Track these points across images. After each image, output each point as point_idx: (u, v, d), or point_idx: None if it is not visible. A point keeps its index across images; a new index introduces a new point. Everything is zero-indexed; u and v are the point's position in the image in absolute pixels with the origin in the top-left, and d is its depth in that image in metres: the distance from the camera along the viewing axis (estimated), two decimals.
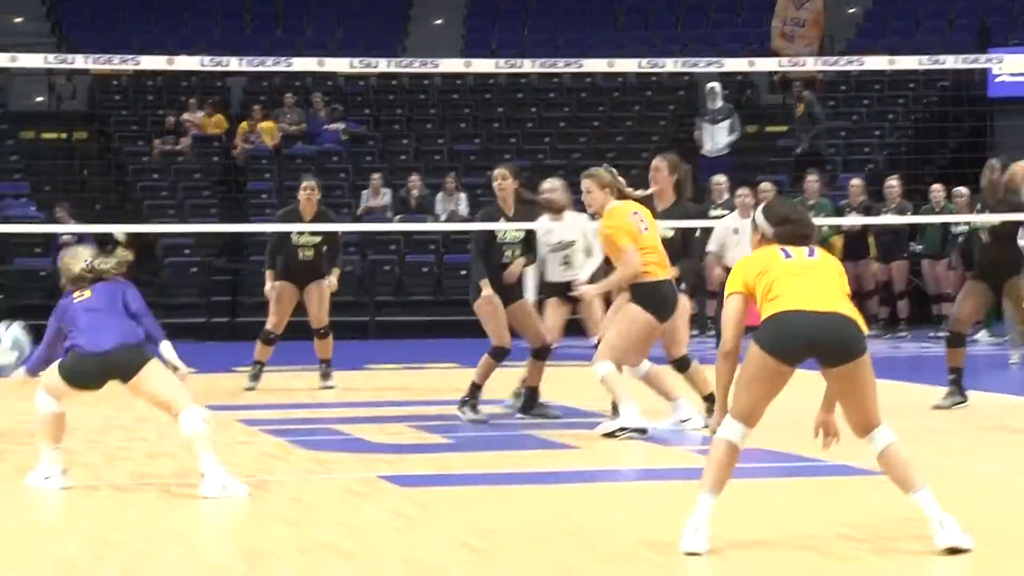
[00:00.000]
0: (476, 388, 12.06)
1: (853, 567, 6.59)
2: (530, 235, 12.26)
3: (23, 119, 27.84)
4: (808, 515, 7.80)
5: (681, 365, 11.39)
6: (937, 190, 21.45)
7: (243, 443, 10.92)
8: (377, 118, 28.33)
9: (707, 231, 17.96)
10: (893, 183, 21.45)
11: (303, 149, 26.88)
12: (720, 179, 21.28)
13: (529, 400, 12.21)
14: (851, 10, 31.18)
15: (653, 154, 13.53)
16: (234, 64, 14.48)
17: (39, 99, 28.91)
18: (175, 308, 23.98)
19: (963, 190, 20.53)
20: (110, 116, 27.90)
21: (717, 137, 25.07)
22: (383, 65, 15.69)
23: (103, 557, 6.99)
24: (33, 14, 29.75)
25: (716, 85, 25.36)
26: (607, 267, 11.55)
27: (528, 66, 15.26)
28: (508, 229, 12.07)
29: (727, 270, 16.06)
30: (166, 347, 9.03)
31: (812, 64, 19.42)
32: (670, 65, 14.30)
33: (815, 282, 6.92)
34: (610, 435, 10.82)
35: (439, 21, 31.09)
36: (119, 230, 20.66)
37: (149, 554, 7.11)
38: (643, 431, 10.82)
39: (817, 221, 21.30)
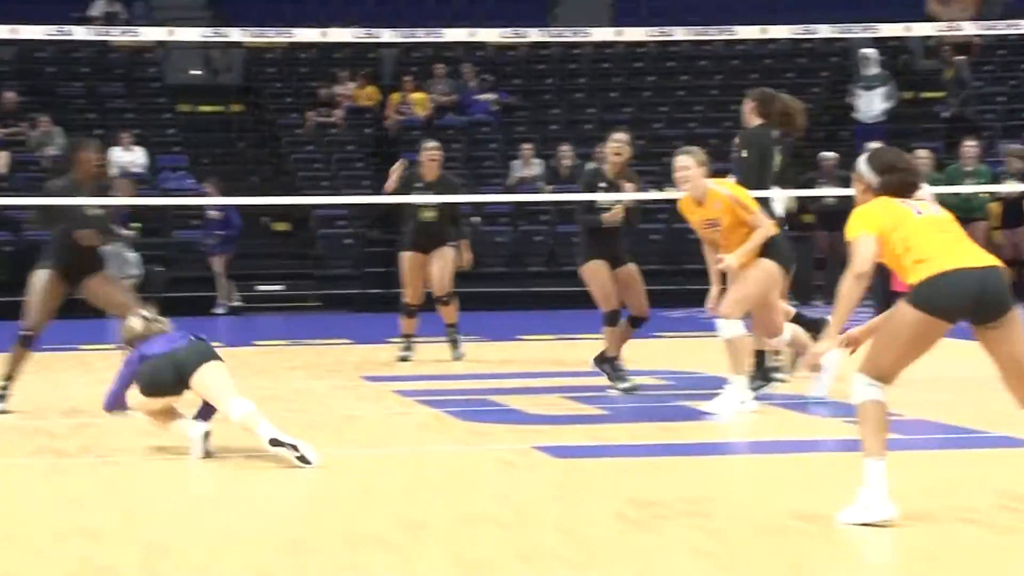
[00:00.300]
0: (614, 360, 12.08)
1: (1015, 540, 6.48)
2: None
3: (180, 92, 28.24)
4: (969, 487, 7.69)
5: None
6: None
7: (399, 414, 11.02)
8: (528, 88, 28.33)
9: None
10: None
11: (454, 120, 26.98)
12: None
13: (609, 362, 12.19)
14: None
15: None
16: (386, 35, 14.57)
17: (195, 72, 29.29)
18: (329, 280, 24.29)
19: None
20: (264, 89, 28.20)
21: (872, 104, 24.78)
22: (533, 35, 15.66)
23: (264, 528, 7.09)
24: None
25: (870, 51, 25.03)
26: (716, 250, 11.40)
27: (679, 34, 15.16)
28: (611, 197, 12.12)
29: None
30: None
31: (969, 28, 19.08)
32: (824, 31, 14.14)
33: (958, 238, 6.77)
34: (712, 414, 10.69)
35: None
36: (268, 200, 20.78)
37: (308, 524, 7.21)
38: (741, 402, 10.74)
39: (975, 188, 21.00)
